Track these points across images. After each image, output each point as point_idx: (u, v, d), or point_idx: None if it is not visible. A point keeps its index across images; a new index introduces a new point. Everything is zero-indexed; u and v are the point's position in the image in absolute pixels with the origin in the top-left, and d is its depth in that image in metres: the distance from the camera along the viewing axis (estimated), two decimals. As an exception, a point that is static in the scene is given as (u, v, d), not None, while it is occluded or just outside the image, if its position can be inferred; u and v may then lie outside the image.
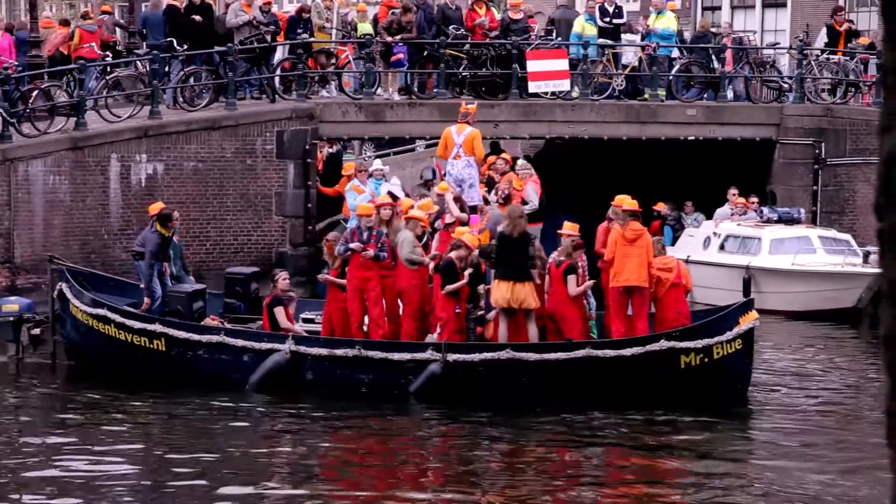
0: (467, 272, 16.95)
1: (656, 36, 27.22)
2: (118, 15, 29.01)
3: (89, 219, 23.17)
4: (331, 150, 29.05)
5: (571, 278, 16.93)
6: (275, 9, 28.36)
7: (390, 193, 20.67)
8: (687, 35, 29.27)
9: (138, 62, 25.16)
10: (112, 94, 24.33)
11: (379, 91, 26.31)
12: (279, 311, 17.90)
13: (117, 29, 29.34)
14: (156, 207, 19.79)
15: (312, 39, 26.45)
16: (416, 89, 26.35)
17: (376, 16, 27.46)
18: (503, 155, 22.46)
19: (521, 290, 16.67)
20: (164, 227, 19.17)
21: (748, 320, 16.75)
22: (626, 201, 17.40)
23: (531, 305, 16.82)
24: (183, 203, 23.79)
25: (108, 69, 24.81)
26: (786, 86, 27.58)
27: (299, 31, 26.27)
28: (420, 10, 26.45)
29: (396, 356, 16.80)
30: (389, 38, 26.14)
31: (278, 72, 26.17)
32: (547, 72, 25.86)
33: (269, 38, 25.94)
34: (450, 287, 16.86)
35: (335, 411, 16.57)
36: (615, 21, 27.37)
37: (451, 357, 16.53)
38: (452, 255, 17.04)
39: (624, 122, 26.70)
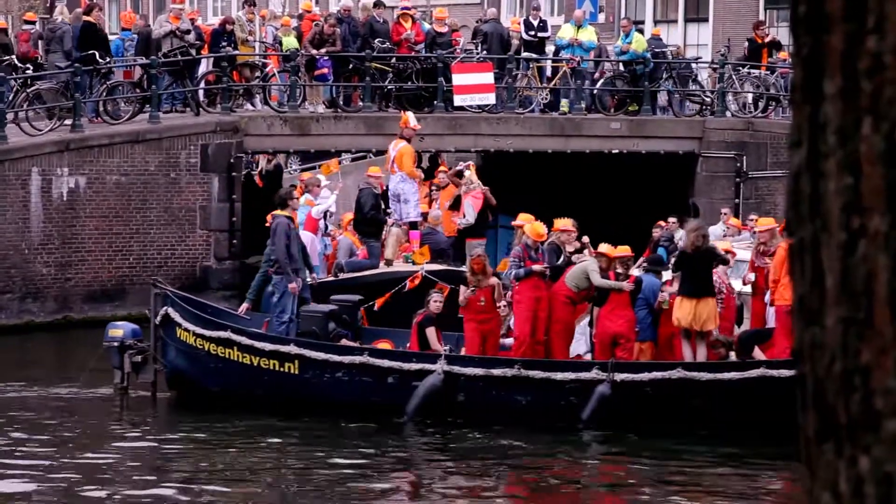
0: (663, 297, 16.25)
1: (581, 49, 27.29)
2: (39, 27, 28.59)
3: (9, 233, 22.86)
4: (268, 168, 28.89)
5: None
6: (199, 22, 28.18)
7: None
8: (611, 49, 29.38)
9: (59, 75, 24.85)
10: (33, 108, 24.06)
11: (305, 105, 26.24)
12: (431, 332, 16.82)
13: (39, 42, 28.99)
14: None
15: (237, 52, 26.31)
16: (341, 103, 26.32)
17: (300, 29, 27.34)
18: (441, 168, 23.03)
19: (704, 309, 15.87)
20: (284, 208, 17.47)
21: None
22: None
23: (711, 327, 16.01)
24: (106, 217, 23.57)
25: (29, 82, 24.52)
26: (707, 99, 27.83)
27: (223, 43, 26.10)
28: (345, 24, 26.42)
29: (559, 376, 15.64)
30: (315, 52, 26.08)
31: (202, 85, 26.02)
32: (472, 85, 25.93)
33: (193, 51, 25.78)
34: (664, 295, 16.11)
35: (490, 436, 15.49)
36: (540, 34, 27.49)
37: (619, 377, 15.46)
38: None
39: (549, 135, 26.83)
